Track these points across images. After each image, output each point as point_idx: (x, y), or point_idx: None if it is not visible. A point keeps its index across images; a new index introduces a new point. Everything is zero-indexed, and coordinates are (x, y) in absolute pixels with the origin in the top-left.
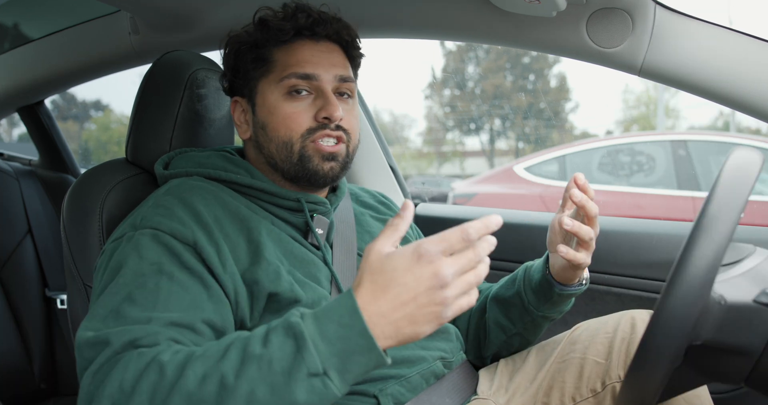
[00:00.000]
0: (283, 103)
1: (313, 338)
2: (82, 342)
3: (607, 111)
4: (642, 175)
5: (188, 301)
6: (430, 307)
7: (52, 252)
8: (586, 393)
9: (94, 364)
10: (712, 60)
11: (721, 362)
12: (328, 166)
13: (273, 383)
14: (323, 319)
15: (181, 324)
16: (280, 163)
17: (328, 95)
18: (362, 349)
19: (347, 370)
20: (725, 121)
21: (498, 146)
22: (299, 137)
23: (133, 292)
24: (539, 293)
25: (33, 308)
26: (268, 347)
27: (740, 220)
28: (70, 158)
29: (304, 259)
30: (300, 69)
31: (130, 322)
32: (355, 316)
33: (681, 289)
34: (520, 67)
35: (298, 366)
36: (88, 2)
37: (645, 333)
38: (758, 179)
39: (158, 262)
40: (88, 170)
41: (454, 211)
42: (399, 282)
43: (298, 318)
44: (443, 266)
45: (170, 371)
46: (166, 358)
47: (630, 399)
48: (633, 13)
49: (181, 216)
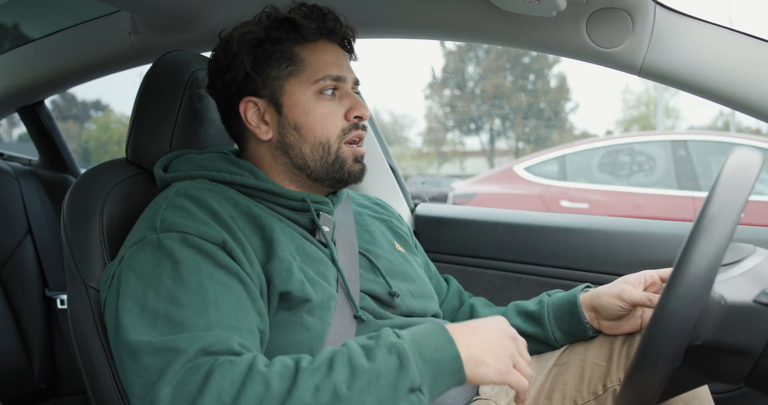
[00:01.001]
0: (317, 103)
1: (414, 357)
2: (143, 348)
3: (607, 111)
4: (642, 175)
5: (234, 301)
6: (503, 358)
7: (52, 252)
8: (588, 396)
9: (168, 373)
10: (712, 60)
11: (721, 362)
12: (358, 168)
13: (380, 396)
14: (420, 341)
15: (240, 328)
16: (311, 163)
17: (354, 95)
18: (451, 371)
19: (435, 388)
20: (725, 121)
21: (498, 146)
22: (336, 138)
23: (177, 295)
24: (568, 335)
25: (33, 308)
26: (375, 362)
27: (740, 220)
28: (70, 158)
29: (314, 257)
30: (333, 71)
31: (189, 327)
32: (449, 343)
33: (681, 289)
34: (520, 67)
35: (403, 381)
36: (88, 2)
37: (645, 333)
38: (758, 179)
39: (195, 264)
40: (88, 170)
41: (454, 211)
42: (484, 331)
43: (397, 338)
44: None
45: (276, 383)
46: (263, 368)
47: (630, 399)
48: (633, 14)
49: (203, 217)
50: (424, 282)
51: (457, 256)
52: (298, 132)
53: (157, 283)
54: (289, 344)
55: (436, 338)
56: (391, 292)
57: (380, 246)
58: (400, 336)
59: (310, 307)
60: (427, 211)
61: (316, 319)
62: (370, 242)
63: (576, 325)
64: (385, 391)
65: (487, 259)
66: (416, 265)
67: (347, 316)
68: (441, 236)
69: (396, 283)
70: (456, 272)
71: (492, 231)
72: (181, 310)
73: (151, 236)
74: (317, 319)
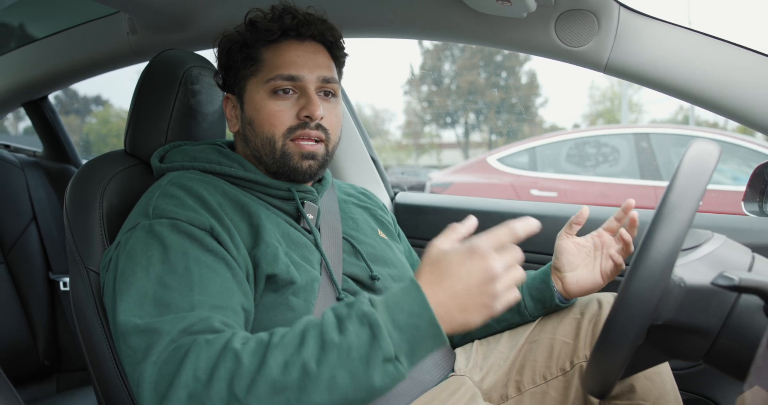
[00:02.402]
0: (268, 102)
1: (387, 326)
2: (129, 329)
3: (575, 106)
4: (607, 165)
5: (219, 283)
6: (481, 298)
7: (56, 237)
8: (556, 371)
9: (153, 354)
10: (672, 58)
11: (680, 341)
12: (306, 165)
13: (352, 369)
14: (394, 308)
15: (223, 306)
16: (264, 157)
17: (310, 95)
18: (429, 336)
19: (415, 354)
20: (685, 115)
21: (472, 139)
22: (281, 135)
23: (165, 278)
24: (538, 302)
25: (37, 290)
26: (346, 335)
27: (699, 208)
28: (72, 150)
29: (299, 242)
30: (285, 71)
31: (174, 309)
32: (423, 306)
33: (643, 273)
34: (493, 65)
35: (375, 353)
36: (89, 4)
37: (610, 314)
38: (715, 170)
39: (183, 249)
40: (89, 161)
41: (432, 199)
42: (453, 274)
43: (370, 307)
44: (493, 261)
45: (247, 359)
46: (237, 345)
47: (596, 375)
48: (598, 15)
49: (192, 204)
50: (405, 267)
51: None
52: (252, 127)
53: (147, 265)
54: (275, 324)
55: (410, 301)
56: (372, 275)
57: (363, 232)
58: (373, 303)
59: (295, 289)
60: (406, 199)
61: (301, 300)
62: (353, 229)
63: (545, 291)
64: (357, 365)
65: None
66: (398, 251)
67: (330, 297)
68: (419, 223)
69: (377, 267)
70: None
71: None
72: (168, 292)
73: (144, 222)
74: (301, 300)
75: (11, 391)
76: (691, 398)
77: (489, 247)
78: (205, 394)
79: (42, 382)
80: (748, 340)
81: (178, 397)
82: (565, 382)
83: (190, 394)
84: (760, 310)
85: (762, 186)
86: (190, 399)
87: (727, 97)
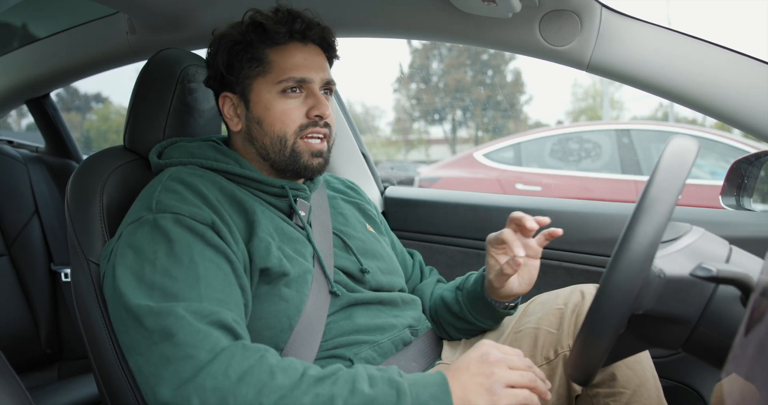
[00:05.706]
0: (279, 101)
1: (411, 397)
2: (144, 311)
3: (558, 103)
4: (589, 160)
5: (222, 277)
6: (488, 390)
7: (57, 230)
8: (541, 360)
9: (173, 335)
10: (652, 57)
11: (660, 330)
12: (316, 162)
13: None
14: (420, 386)
15: (226, 301)
16: (272, 154)
17: (318, 96)
18: None
19: None
20: (664, 112)
21: (459, 135)
22: (293, 132)
23: (171, 270)
24: (477, 306)
25: (40, 281)
26: (374, 390)
27: (678, 201)
28: (73, 146)
29: (292, 237)
30: (297, 73)
31: (182, 298)
32: (446, 395)
33: (624, 264)
34: (479, 64)
35: None
36: (89, 4)
37: (592, 304)
38: (694, 165)
39: (187, 243)
40: (90, 156)
41: (420, 193)
42: (470, 371)
43: (399, 377)
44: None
45: (280, 377)
46: (273, 361)
47: (578, 363)
48: (581, 15)
49: (193, 200)
50: (393, 260)
51: (422, 234)
52: (260, 126)
53: (153, 258)
54: (269, 314)
55: (436, 388)
56: (362, 268)
57: (353, 227)
58: (402, 376)
59: (288, 281)
60: (395, 193)
61: (293, 291)
62: (343, 224)
63: (492, 311)
64: None
65: (449, 236)
66: (385, 244)
67: (323, 288)
68: (408, 216)
69: (367, 260)
70: (422, 249)
71: (454, 211)
72: (175, 283)
73: (148, 216)
74: (294, 291)
75: (14, 378)
76: (671, 385)
77: (500, 359)
78: (230, 392)
79: (44, 369)
80: (725, 329)
81: (202, 384)
82: (550, 371)
83: (215, 387)
84: (737, 300)
85: (739, 180)
86: (213, 391)
87: (705, 94)
